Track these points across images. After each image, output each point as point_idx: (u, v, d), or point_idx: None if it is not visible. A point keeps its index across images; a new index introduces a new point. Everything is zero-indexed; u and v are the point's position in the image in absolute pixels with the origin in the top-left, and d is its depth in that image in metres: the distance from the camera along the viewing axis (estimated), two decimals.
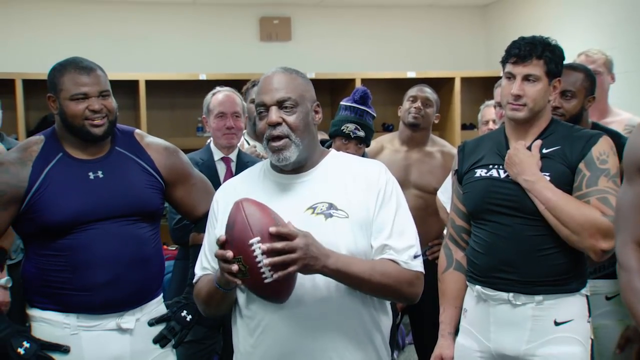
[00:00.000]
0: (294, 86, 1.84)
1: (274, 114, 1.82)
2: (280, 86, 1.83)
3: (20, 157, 2.19)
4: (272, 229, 1.64)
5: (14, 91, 5.07)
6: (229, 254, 1.65)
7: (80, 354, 2.16)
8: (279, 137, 1.82)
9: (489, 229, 2.25)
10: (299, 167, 1.88)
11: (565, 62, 2.32)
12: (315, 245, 1.69)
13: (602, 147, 2.18)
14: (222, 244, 1.68)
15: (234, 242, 1.65)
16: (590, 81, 2.56)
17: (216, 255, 1.70)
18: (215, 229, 1.92)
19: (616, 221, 1.75)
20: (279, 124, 1.81)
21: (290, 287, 1.72)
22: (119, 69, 5.15)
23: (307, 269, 1.68)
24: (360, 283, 1.78)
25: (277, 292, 1.70)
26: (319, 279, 1.77)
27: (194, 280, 1.98)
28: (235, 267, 1.64)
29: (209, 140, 3.31)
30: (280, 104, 1.82)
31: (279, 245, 1.63)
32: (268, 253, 1.62)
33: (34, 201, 2.15)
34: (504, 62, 2.26)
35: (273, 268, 1.62)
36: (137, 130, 2.40)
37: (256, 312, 1.84)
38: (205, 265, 1.95)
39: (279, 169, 1.89)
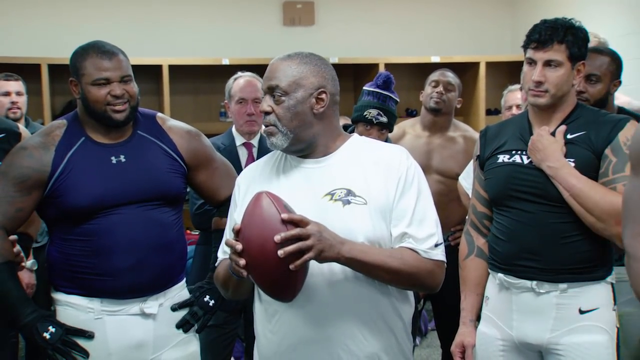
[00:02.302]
0: (287, 74, 1.82)
1: (264, 103, 1.84)
2: (272, 74, 1.83)
3: (43, 142, 2.20)
4: (284, 216, 1.64)
5: (39, 76, 5.11)
6: (239, 246, 1.66)
7: (104, 338, 2.18)
8: (268, 124, 1.83)
9: (512, 215, 2.22)
10: (313, 152, 1.87)
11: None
12: (329, 232, 1.69)
13: (629, 132, 2.12)
14: (236, 232, 1.68)
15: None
16: (617, 65, 2.52)
17: (226, 244, 1.71)
18: (235, 212, 1.93)
19: (624, 212, 1.69)
20: (267, 112, 1.83)
21: (296, 284, 1.71)
22: (143, 53, 5.17)
23: (322, 257, 1.67)
24: (377, 272, 1.77)
25: (283, 287, 1.70)
26: (336, 266, 1.76)
27: (216, 264, 1.99)
28: (242, 261, 1.65)
29: (231, 125, 3.32)
30: (271, 92, 1.83)
31: (293, 231, 1.63)
32: (283, 242, 1.61)
33: (57, 186, 2.16)
34: (525, 47, 2.22)
35: (289, 258, 1.62)
36: (159, 114, 2.39)
37: None
38: (226, 249, 1.95)
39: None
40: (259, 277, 1.70)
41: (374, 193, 1.81)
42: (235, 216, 1.90)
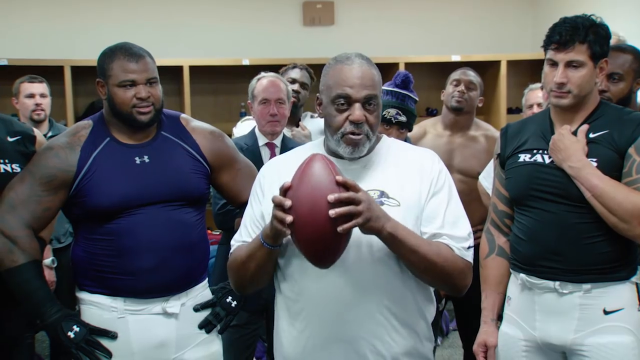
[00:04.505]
0: (376, 82, 1.82)
1: (359, 111, 1.79)
2: (367, 82, 1.80)
3: (69, 142, 2.23)
4: (339, 178, 1.63)
5: (62, 78, 5.17)
6: (288, 202, 1.64)
7: (127, 337, 2.20)
8: (361, 134, 1.80)
9: (533, 215, 2.21)
10: None
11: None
12: (377, 206, 1.70)
13: None
14: (285, 190, 1.66)
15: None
16: None
17: (274, 201, 1.66)
18: (261, 204, 1.90)
19: None
20: (361, 122, 1.79)
21: (338, 249, 1.68)
22: (164, 55, 5.18)
23: (368, 226, 1.66)
24: (413, 256, 1.75)
25: (326, 250, 1.67)
26: (364, 266, 1.77)
27: (230, 252, 1.94)
28: (290, 217, 1.63)
29: (254, 126, 3.32)
30: (367, 101, 1.80)
31: (347, 194, 1.62)
32: (335, 203, 1.60)
33: (82, 186, 2.19)
34: (545, 47, 2.20)
35: (337, 220, 1.60)
36: (183, 115, 2.42)
37: (299, 295, 1.84)
38: (246, 238, 1.91)
39: (332, 154, 1.86)
40: (303, 236, 1.66)
41: (407, 195, 1.81)
42: (262, 207, 1.88)
